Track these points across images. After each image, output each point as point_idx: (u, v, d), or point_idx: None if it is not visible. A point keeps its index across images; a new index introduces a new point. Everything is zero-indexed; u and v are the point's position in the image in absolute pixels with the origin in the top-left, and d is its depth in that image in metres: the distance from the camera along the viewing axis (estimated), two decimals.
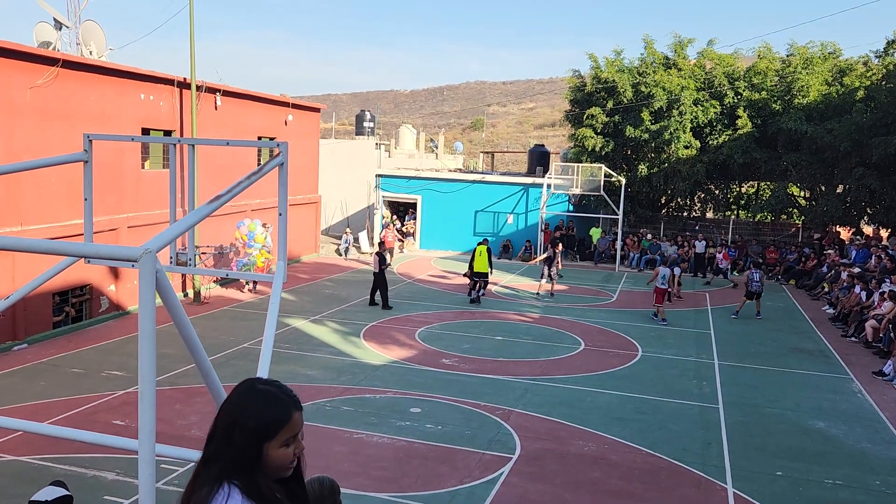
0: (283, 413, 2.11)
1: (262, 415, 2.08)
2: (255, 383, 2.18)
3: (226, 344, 14.51)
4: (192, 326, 3.27)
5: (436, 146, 44.60)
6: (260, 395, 2.13)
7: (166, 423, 10.14)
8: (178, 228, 3.21)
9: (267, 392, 2.14)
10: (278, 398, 2.14)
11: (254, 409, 2.09)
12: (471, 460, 9.31)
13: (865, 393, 12.83)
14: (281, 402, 2.14)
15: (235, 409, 2.10)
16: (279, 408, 2.12)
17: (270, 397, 2.13)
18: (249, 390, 2.14)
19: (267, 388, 2.16)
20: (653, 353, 15.06)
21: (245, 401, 2.12)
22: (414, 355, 14.23)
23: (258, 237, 19.82)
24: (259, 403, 2.10)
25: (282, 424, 2.10)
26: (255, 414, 2.08)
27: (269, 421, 2.08)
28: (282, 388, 2.17)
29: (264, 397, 2.13)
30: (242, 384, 2.18)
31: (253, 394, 2.13)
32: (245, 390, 2.14)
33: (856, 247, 23.33)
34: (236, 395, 2.15)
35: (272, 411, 2.10)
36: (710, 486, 8.85)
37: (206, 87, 19.83)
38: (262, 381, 2.19)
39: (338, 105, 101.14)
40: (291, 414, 2.12)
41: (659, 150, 27.53)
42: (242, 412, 2.08)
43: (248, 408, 2.09)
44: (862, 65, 26.89)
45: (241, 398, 2.13)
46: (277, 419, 2.09)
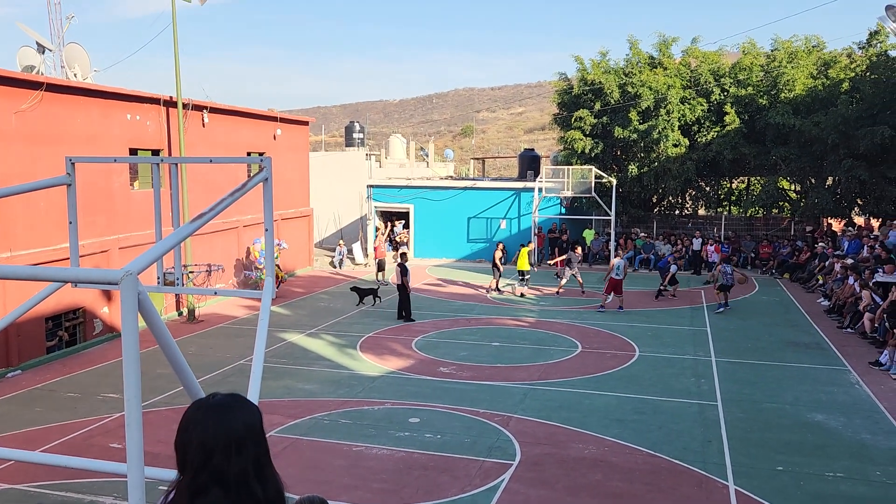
0: (254, 404, 2.16)
1: (253, 412, 2.11)
2: (217, 399, 2.12)
3: (222, 362, 14.44)
4: (177, 348, 3.25)
5: (426, 154, 44.65)
6: (235, 401, 2.11)
7: (164, 444, 10.04)
8: (159, 249, 3.19)
9: (233, 395, 2.15)
10: (239, 396, 2.16)
11: (246, 413, 2.09)
12: (471, 468, 9.27)
13: (863, 384, 12.84)
14: (242, 396, 2.17)
15: (227, 420, 2.04)
16: (253, 402, 2.16)
17: (239, 398, 2.14)
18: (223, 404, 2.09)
19: (227, 395, 2.13)
20: (650, 352, 15.06)
21: (230, 409, 2.08)
22: (411, 365, 14.19)
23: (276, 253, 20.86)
24: (243, 406, 2.11)
25: (261, 413, 2.16)
26: (248, 414, 2.09)
27: (259, 413, 2.12)
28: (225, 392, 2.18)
29: (239, 401, 2.12)
30: (207, 405, 2.11)
31: (230, 403, 2.10)
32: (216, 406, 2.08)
33: (848, 238, 23.40)
34: (212, 413, 2.07)
35: (255, 406, 2.14)
36: (712, 484, 8.83)
37: (192, 104, 19.82)
38: (214, 396, 2.14)
39: (327, 117, 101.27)
40: None
41: (648, 149, 27.62)
42: (236, 419, 2.05)
43: (242, 414, 2.07)
44: (846, 57, 27.06)
45: (226, 410, 2.07)
46: (260, 411, 2.15)
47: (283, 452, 9.71)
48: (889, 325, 14.72)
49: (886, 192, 24.65)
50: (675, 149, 26.97)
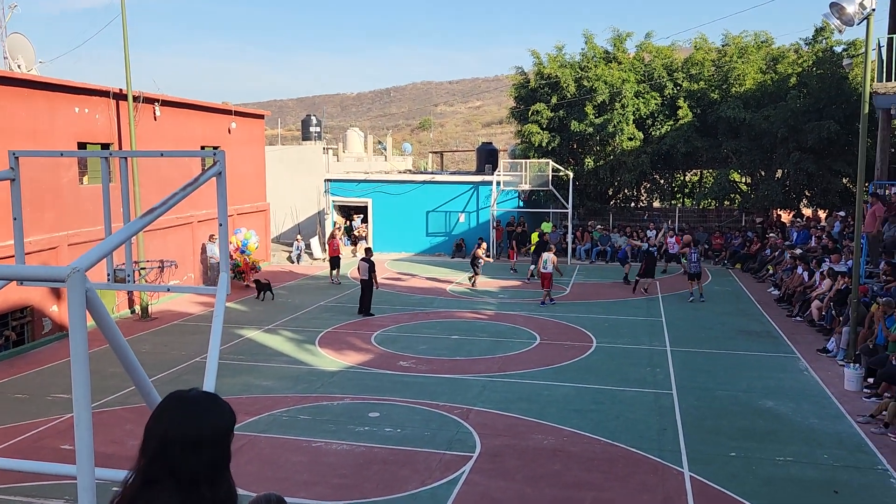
0: (231, 408, 2.12)
1: (224, 413, 2.08)
2: (192, 394, 2.10)
3: (177, 359, 14.18)
4: (128, 346, 3.18)
5: (384, 148, 44.45)
6: (209, 400, 2.10)
7: (118, 444, 9.85)
8: (109, 245, 3.11)
9: (207, 393, 2.13)
10: (217, 397, 2.14)
11: (217, 415, 2.06)
12: (431, 461, 9.29)
13: (811, 370, 13.24)
14: (222, 399, 2.14)
15: (196, 422, 2.02)
16: (227, 405, 2.12)
17: (215, 399, 2.12)
18: (196, 400, 2.08)
19: (203, 393, 2.12)
20: (607, 343, 15.27)
21: (201, 411, 2.06)
22: (370, 359, 14.15)
23: (251, 246, 22.48)
24: (216, 407, 2.08)
25: (235, 416, 2.13)
26: (219, 414, 2.07)
27: (231, 415, 2.10)
28: (204, 390, 2.17)
29: (212, 401, 2.10)
30: (177, 400, 2.08)
31: (203, 402, 2.08)
32: (187, 401, 2.07)
33: (796, 229, 24.06)
34: (181, 408, 2.05)
35: (228, 407, 2.10)
36: (668, 470, 9.01)
37: (143, 97, 19.37)
38: (190, 391, 2.12)
39: (283, 111, 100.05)
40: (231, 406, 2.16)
41: (604, 142, 27.97)
42: (208, 421, 2.03)
43: (211, 415, 2.05)
44: (793, 52, 27.75)
45: (196, 410, 2.05)
46: (233, 413, 2.12)
47: (241, 450, 9.58)
48: (835, 314, 15.19)
49: (832, 184, 25.41)
50: (630, 142, 27.36)
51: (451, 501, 8.19)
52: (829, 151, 25.17)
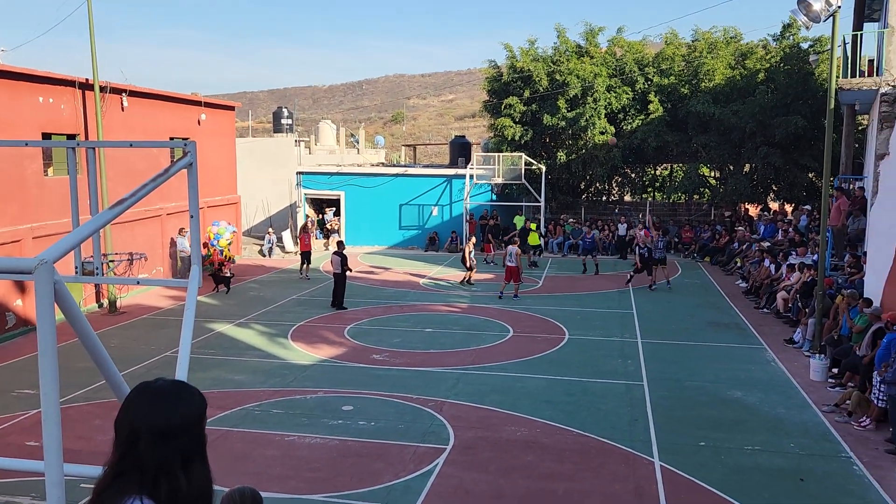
0: (202, 395, 2.10)
1: (194, 402, 2.06)
2: (155, 384, 2.07)
3: (146, 354, 14.00)
4: (97, 339, 3.13)
5: (357, 141, 44.22)
6: (177, 389, 2.07)
7: (85, 440, 9.70)
8: (77, 236, 3.05)
9: (177, 382, 2.11)
10: (185, 385, 2.12)
11: (185, 401, 2.04)
12: (405, 454, 9.29)
13: (778, 361, 13.49)
14: (191, 387, 2.12)
15: (164, 407, 2.00)
16: (198, 393, 2.11)
17: (184, 385, 2.11)
18: (159, 390, 2.05)
19: (170, 381, 2.10)
20: (579, 335, 15.40)
21: (169, 397, 2.04)
22: (344, 353, 14.10)
23: (222, 242, 22.23)
24: (184, 395, 2.06)
25: (206, 403, 2.11)
26: (189, 403, 2.05)
27: (201, 404, 2.08)
28: (171, 379, 2.14)
29: (182, 389, 2.08)
30: (144, 391, 2.06)
31: (170, 391, 2.06)
32: (155, 392, 2.04)
33: (764, 222, 24.46)
34: (150, 399, 2.03)
35: (199, 396, 2.09)
36: (639, 461, 9.12)
37: (110, 87, 19.02)
38: (157, 381, 2.09)
39: (254, 103, 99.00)
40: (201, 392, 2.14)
41: (576, 136, 28.14)
42: (175, 407, 2.01)
43: (179, 404, 2.03)
44: (762, 48, 28.17)
45: (163, 400, 2.03)
46: (204, 402, 2.10)
47: (213, 444, 9.46)
48: (801, 305, 15.48)
49: (799, 178, 25.88)
50: (601, 136, 27.56)
51: (425, 494, 8.21)
52: (796, 146, 25.62)
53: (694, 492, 8.27)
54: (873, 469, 8.82)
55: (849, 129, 19.92)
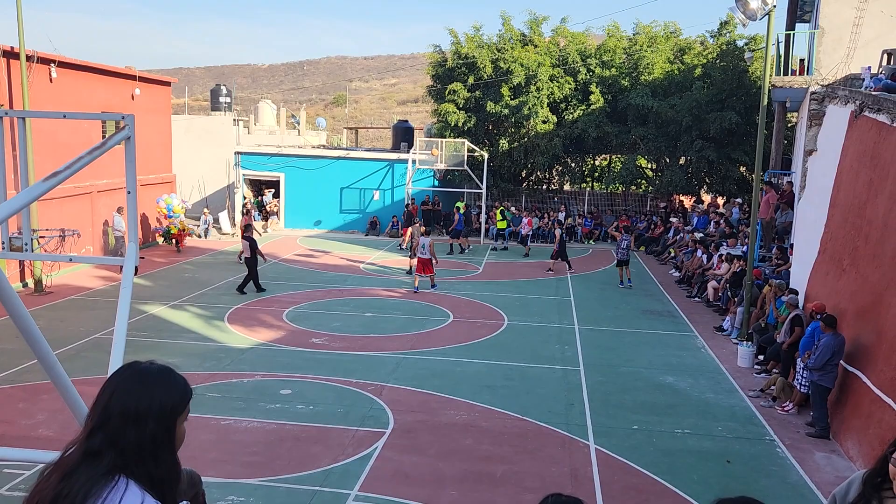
0: (188, 387, 2.11)
1: (175, 390, 2.05)
2: (144, 365, 2.09)
3: (75, 335, 13.51)
4: (29, 316, 3.00)
5: (297, 122, 43.48)
6: (162, 374, 2.08)
7: (9, 423, 9.32)
8: (7, 209, 2.91)
9: (165, 369, 2.10)
10: (172, 372, 2.11)
11: (165, 387, 2.04)
12: (344, 438, 9.26)
13: (708, 348, 13.96)
14: (176, 374, 2.11)
15: (141, 390, 2.00)
16: (184, 382, 2.11)
17: (171, 373, 2.10)
18: (146, 372, 2.06)
19: (161, 366, 2.11)
20: (518, 321, 15.59)
21: (150, 381, 2.04)
22: (282, 336, 13.92)
23: (176, 208, 23.04)
24: (167, 381, 2.06)
25: (189, 397, 2.10)
26: (169, 390, 2.04)
27: (182, 395, 2.07)
28: (168, 367, 2.14)
29: (168, 375, 2.08)
30: (130, 370, 2.07)
31: (153, 374, 2.07)
32: (140, 373, 2.06)
33: (697, 214, 25.20)
34: (132, 379, 2.03)
35: (182, 386, 2.09)
36: (574, 443, 9.32)
37: (38, 57, 18.15)
38: (145, 363, 2.11)
39: (190, 79, 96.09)
40: (188, 383, 2.13)
41: (518, 124, 28.34)
42: (153, 392, 2.01)
43: (157, 387, 2.03)
44: (699, 44, 28.90)
45: (143, 380, 2.04)
46: (187, 393, 2.10)
47: None
48: (731, 295, 16.04)
49: (731, 172, 26.75)
50: (543, 125, 27.84)
51: (364, 477, 8.20)
52: (729, 141, 26.45)
53: (627, 473, 8.51)
54: (794, 451, 9.25)
55: (779, 126, 20.66)
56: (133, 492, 1.91)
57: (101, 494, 1.88)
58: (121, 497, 1.89)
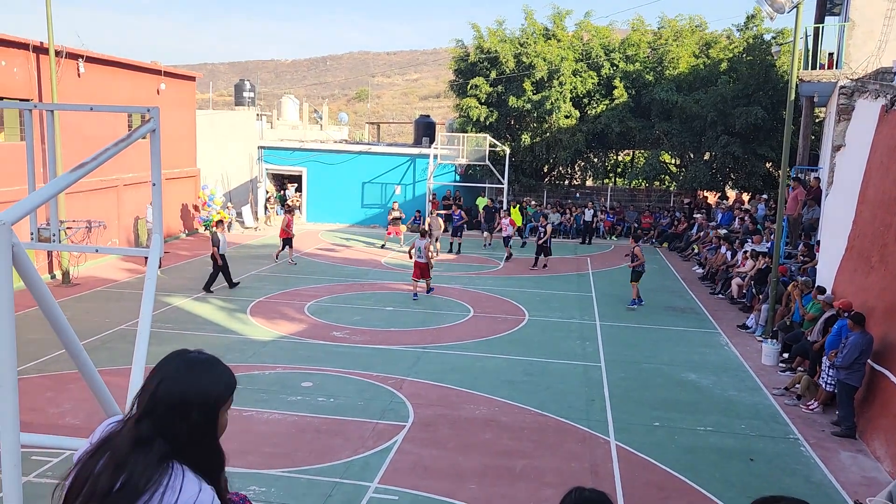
0: (233, 377, 2.11)
1: (219, 380, 2.06)
2: (191, 354, 2.11)
3: (101, 326, 13.71)
4: (57, 305, 3.04)
5: (320, 117, 43.65)
6: (208, 363, 2.09)
7: (37, 411, 9.49)
8: (37, 198, 2.95)
9: (211, 359, 2.11)
10: (218, 362, 2.12)
11: (210, 377, 2.05)
12: (364, 430, 9.30)
13: (731, 345, 13.82)
14: (222, 364, 2.12)
15: (187, 379, 2.02)
16: (229, 372, 2.11)
17: (217, 363, 2.10)
18: (193, 361, 2.08)
19: (208, 356, 2.12)
20: (539, 316, 15.54)
21: (196, 370, 2.05)
22: (304, 329, 14.00)
23: (217, 200, 24.70)
24: (212, 370, 2.07)
25: (234, 387, 2.10)
26: (214, 380, 2.05)
27: (227, 385, 2.07)
28: (208, 354, 2.15)
29: (213, 365, 2.09)
30: (178, 358, 2.08)
31: (200, 363, 2.08)
32: (187, 362, 2.07)
33: (721, 210, 24.93)
34: (179, 368, 2.05)
35: (227, 376, 2.09)
36: (595, 439, 9.29)
37: (66, 52, 18.40)
38: (193, 351, 2.12)
39: (215, 75, 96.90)
40: (233, 373, 2.12)
41: (541, 119, 28.19)
42: (198, 381, 2.02)
43: (203, 376, 2.04)
44: (725, 38, 28.54)
45: (190, 369, 2.05)
46: (232, 383, 2.09)
47: None
48: (755, 292, 15.86)
49: (757, 167, 26.40)
50: (566, 120, 27.67)
51: (384, 470, 8.24)
52: (755, 136, 26.11)
53: (648, 470, 8.46)
54: (819, 450, 9.14)
55: (807, 121, 20.35)
56: (190, 478, 1.95)
57: (162, 482, 1.91)
58: (181, 484, 1.92)
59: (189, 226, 25.72)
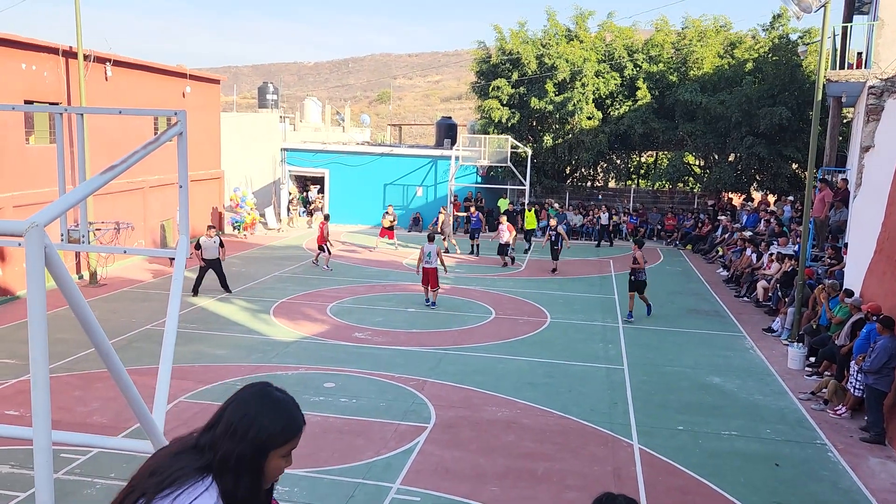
0: (296, 426, 2.14)
1: (279, 422, 2.09)
2: (272, 390, 2.16)
3: (127, 326, 13.89)
4: (87, 305, 3.09)
5: (342, 119, 43.86)
6: (280, 403, 2.14)
7: (66, 410, 9.64)
8: (68, 200, 3.00)
9: (287, 402, 2.16)
10: (295, 411, 2.16)
11: (272, 416, 2.09)
12: (386, 431, 9.33)
13: (757, 349, 13.66)
14: (297, 415, 2.16)
15: (252, 409, 2.09)
16: (295, 420, 2.14)
17: (289, 407, 2.15)
18: (267, 396, 2.14)
19: (285, 397, 2.17)
20: (561, 319, 15.48)
21: (264, 404, 2.11)
22: (326, 330, 14.08)
23: (248, 202, 25.69)
24: (279, 411, 2.11)
25: (293, 436, 2.12)
26: (274, 420, 2.09)
27: (284, 430, 2.09)
28: (295, 402, 2.19)
29: (284, 407, 2.14)
30: (258, 387, 2.16)
31: (272, 400, 2.13)
32: (263, 394, 2.14)
33: (746, 212, 24.65)
34: (253, 396, 2.13)
35: (290, 422, 2.12)
36: (618, 443, 9.23)
37: (94, 56, 18.68)
38: (279, 389, 2.18)
39: (238, 77, 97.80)
40: (301, 429, 2.16)
41: (563, 121, 28.09)
42: (259, 415, 2.08)
43: (265, 412, 2.09)
44: (750, 38, 28.22)
45: (260, 401, 2.12)
46: (291, 430, 2.12)
47: (194, 418, 9.47)
48: (781, 295, 15.66)
49: (782, 169, 26.07)
50: (588, 121, 27.55)
51: (406, 470, 8.26)
52: (781, 137, 25.79)
53: (671, 474, 8.39)
54: (847, 456, 9.00)
55: (834, 122, 20.07)
56: (210, 496, 1.98)
57: (183, 485, 1.97)
58: (197, 496, 1.97)
59: (218, 226, 26.14)
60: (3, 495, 7.47)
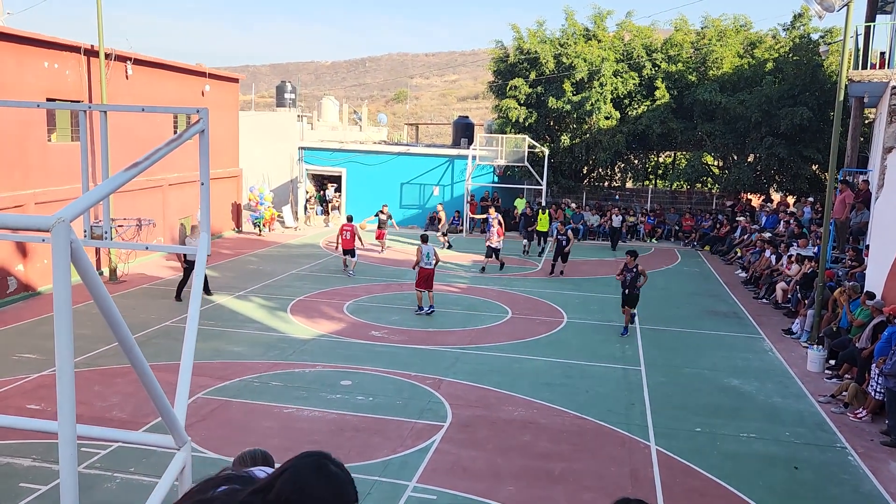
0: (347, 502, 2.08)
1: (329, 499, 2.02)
2: (328, 462, 2.08)
3: (146, 323, 14.02)
4: (111, 300, 3.12)
5: (359, 118, 44.00)
6: (334, 479, 2.06)
7: (86, 405, 9.75)
8: (93, 196, 3.04)
9: (341, 477, 2.08)
10: (348, 488, 2.09)
11: (324, 492, 2.01)
12: (403, 430, 9.35)
13: (776, 351, 13.54)
14: (351, 492, 2.08)
15: (304, 483, 2.01)
16: (347, 496, 2.06)
17: (343, 484, 2.07)
18: (322, 469, 2.05)
19: (341, 473, 2.09)
20: (577, 319, 15.43)
21: (318, 478, 2.03)
22: (343, 328, 14.13)
23: (267, 197, 26.38)
24: (330, 487, 2.04)
25: None
26: (325, 498, 2.01)
27: None
28: (350, 478, 2.12)
29: (338, 483, 2.06)
30: (314, 459, 2.09)
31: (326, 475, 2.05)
32: (318, 466, 2.06)
33: (766, 213, 24.43)
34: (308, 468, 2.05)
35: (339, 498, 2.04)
36: (635, 444, 9.18)
37: (115, 55, 18.86)
38: (335, 463, 2.10)
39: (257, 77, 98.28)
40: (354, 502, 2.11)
41: (581, 120, 27.98)
42: (312, 490, 2.00)
43: (319, 488, 2.01)
44: (771, 37, 27.96)
45: (314, 474, 2.04)
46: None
47: (213, 414, 9.55)
48: (801, 297, 15.51)
49: (802, 170, 25.81)
50: (606, 121, 27.41)
51: (422, 469, 8.27)
52: (801, 138, 25.53)
53: (689, 476, 8.34)
54: (868, 460, 8.90)
55: (855, 122, 19.84)
56: None
57: None
58: None
59: (236, 223, 26.81)
60: (25, 488, 7.57)
